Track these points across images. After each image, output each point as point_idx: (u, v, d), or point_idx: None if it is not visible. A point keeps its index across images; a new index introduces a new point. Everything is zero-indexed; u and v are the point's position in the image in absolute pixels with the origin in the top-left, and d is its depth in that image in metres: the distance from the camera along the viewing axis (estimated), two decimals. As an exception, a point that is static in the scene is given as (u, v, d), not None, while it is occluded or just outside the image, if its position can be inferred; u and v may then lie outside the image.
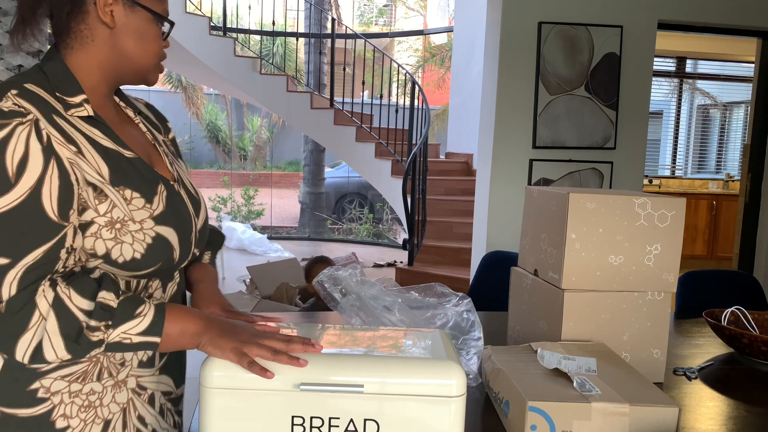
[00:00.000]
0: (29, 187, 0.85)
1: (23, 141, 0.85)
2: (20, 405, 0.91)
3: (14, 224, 0.84)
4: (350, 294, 1.47)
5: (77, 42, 0.97)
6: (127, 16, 0.97)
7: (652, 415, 1.09)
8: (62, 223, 0.87)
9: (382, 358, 0.98)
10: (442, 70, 13.70)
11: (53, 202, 0.86)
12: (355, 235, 9.44)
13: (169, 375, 1.06)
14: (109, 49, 0.98)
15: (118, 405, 0.97)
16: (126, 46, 0.98)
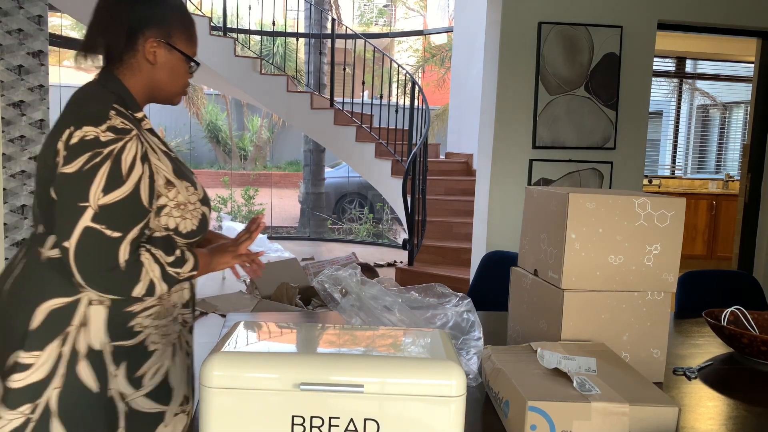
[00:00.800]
0: (134, 184, 1.20)
1: (132, 151, 1.20)
2: (126, 338, 1.28)
3: (123, 209, 1.20)
4: (350, 294, 1.47)
5: (128, 71, 1.30)
6: (166, 57, 1.32)
7: (651, 415, 1.09)
8: (149, 209, 1.25)
9: (382, 358, 0.98)
10: (442, 70, 13.70)
11: (146, 194, 1.23)
12: (355, 235, 9.44)
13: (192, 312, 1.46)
14: (149, 79, 1.32)
15: (176, 333, 1.38)
16: (162, 79, 1.33)
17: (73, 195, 1.17)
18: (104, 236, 1.17)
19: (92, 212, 1.17)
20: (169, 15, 1.31)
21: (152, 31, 1.29)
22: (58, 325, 1.24)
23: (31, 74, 3.52)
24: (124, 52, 1.29)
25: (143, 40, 1.28)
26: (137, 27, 1.27)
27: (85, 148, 1.17)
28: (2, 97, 3.37)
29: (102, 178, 1.17)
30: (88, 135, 1.17)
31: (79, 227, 1.16)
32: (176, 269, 1.27)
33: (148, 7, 1.28)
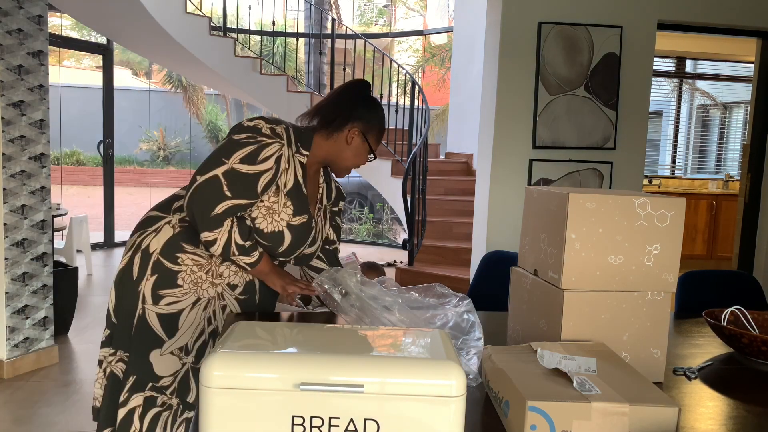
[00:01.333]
0: (260, 170, 1.60)
1: (273, 149, 1.62)
2: (169, 260, 1.68)
3: (244, 182, 1.59)
4: (350, 294, 1.47)
5: (327, 136, 1.75)
6: (358, 144, 1.75)
7: (651, 415, 1.09)
8: (259, 196, 1.63)
9: (382, 358, 0.98)
10: (442, 70, 13.70)
11: (262, 184, 1.62)
12: (355, 235, 9.44)
13: (242, 306, 1.75)
14: (338, 150, 1.76)
15: (208, 294, 1.69)
16: (346, 155, 1.76)
17: (224, 152, 1.60)
18: (221, 189, 1.57)
19: (226, 168, 1.58)
20: (374, 120, 1.77)
21: (360, 124, 1.75)
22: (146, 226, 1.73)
23: (31, 74, 3.52)
24: (332, 128, 1.74)
25: (351, 126, 1.74)
26: (351, 117, 1.74)
27: (251, 130, 1.63)
28: (2, 97, 3.37)
29: (245, 152, 1.59)
30: (258, 124, 1.64)
31: (212, 172, 1.58)
32: (237, 251, 1.61)
33: (366, 111, 1.76)
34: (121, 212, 10.92)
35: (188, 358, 1.69)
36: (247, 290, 1.75)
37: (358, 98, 1.77)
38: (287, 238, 1.69)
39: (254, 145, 1.60)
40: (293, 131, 1.70)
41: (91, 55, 10.99)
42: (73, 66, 16.68)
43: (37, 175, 3.57)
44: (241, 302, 1.74)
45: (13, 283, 3.53)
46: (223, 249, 1.60)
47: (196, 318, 1.68)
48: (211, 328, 1.71)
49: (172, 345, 1.67)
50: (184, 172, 16.11)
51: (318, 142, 1.75)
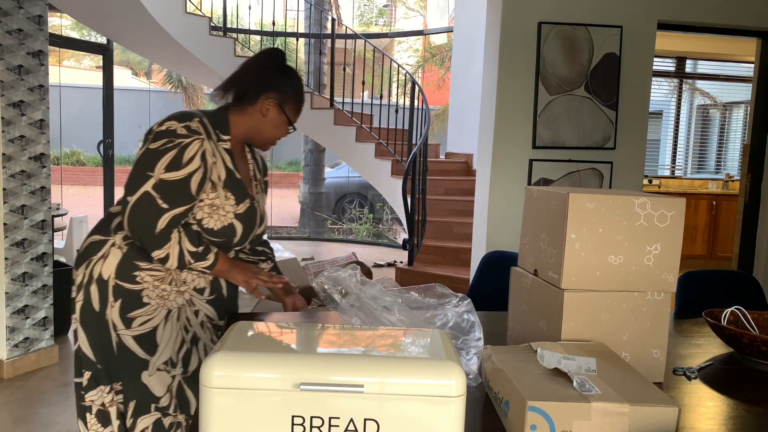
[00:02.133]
0: (188, 173, 1.54)
1: (195, 148, 1.56)
2: (127, 281, 1.61)
3: (175, 189, 1.53)
4: (350, 294, 1.47)
5: (243, 112, 1.68)
6: (275, 115, 1.69)
7: (651, 415, 1.09)
8: (195, 197, 1.57)
9: (382, 358, 0.98)
10: (442, 70, 13.70)
11: (195, 185, 1.56)
12: (355, 235, 9.44)
13: (213, 306, 1.72)
14: (255, 125, 1.69)
15: (177, 304, 1.65)
16: (265, 129, 1.70)
17: (146, 165, 1.53)
18: (156, 204, 1.52)
19: (154, 181, 1.52)
20: (290, 90, 1.70)
21: (273, 94, 1.67)
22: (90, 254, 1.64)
23: (31, 74, 3.52)
24: (245, 102, 1.68)
25: (264, 97, 1.67)
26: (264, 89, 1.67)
27: (166, 134, 1.55)
28: (2, 97, 3.37)
29: (168, 159, 1.53)
30: (171, 126, 1.56)
31: (141, 189, 1.52)
32: (192, 259, 1.58)
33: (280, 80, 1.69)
34: (121, 212, 10.91)
35: (176, 369, 1.67)
36: (214, 290, 1.72)
37: (271, 67, 1.69)
38: (238, 228, 1.66)
39: (174, 149, 1.54)
40: (209, 120, 1.63)
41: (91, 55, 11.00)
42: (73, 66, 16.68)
43: (37, 175, 3.57)
44: (211, 302, 1.72)
45: (13, 283, 3.53)
46: (178, 261, 1.57)
47: (172, 330, 1.65)
48: (189, 335, 1.69)
49: (156, 362, 1.64)
50: (184, 172, 16.06)
51: (235, 120, 1.68)
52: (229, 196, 1.63)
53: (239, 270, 1.70)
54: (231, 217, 1.63)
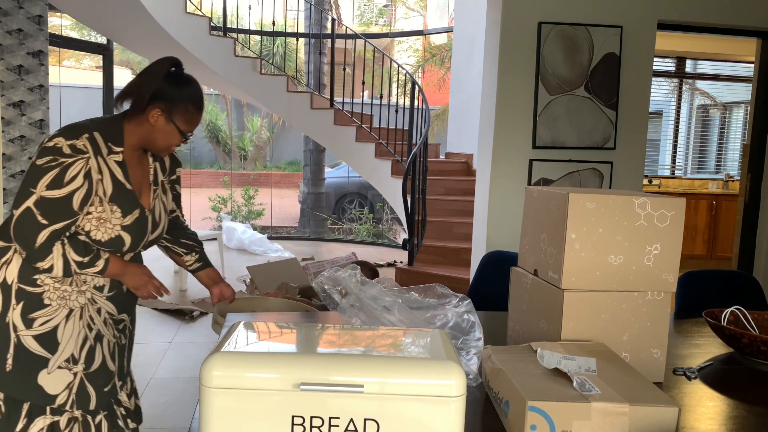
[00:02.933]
0: (70, 191, 1.58)
1: (78, 167, 1.59)
2: (28, 285, 1.65)
3: (56, 206, 1.58)
4: (350, 295, 1.47)
5: (135, 121, 1.70)
6: (163, 125, 1.69)
7: (651, 415, 1.09)
8: (78, 212, 1.61)
9: (382, 358, 0.98)
10: (442, 70, 13.70)
11: (77, 202, 1.60)
12: (355, 235, 9.44)
13: (113, 302, 1.76)
14: (147, 134, 1.71)
15: (78, 303, 1.70)
16: (155, 138, 1.71)
17: (30, 181, 1.57)
18: (35, 219, 1.57)
19: (35, 198, 1.56)
20: (179, 99, 1.69)
21: (161, 104, 1.68)
22: None
23: (31, 74, 3.52)
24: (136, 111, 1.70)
25: (152, 107, 1.67)
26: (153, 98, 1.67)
27: (51, 152, 1.59)
28: (2, 97, 3.37)
29: (50, 177, 1.57)
30: (58, 143, 1.59)
31: (24, 205, 1.57)
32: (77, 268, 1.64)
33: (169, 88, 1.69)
34: (121, 212, 10.91)
35: (78, 366, 1.69)
36: (113, 286, 1.76)
37: (160, 76, 1.69)
38: (126, 239, 1.71)
39: (56, 168, 1.57)
40: (101, 134, 1.64)
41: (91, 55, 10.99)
42: (73, 66, 16.68)
43: (37, 175, 3.57)
44: (112, 299, 1.76)
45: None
46: (63, 270, 1.62)
47: (74, 328, 1.68)
48: (93, 333, 1.72)
49: (57, 359, 1.67)
50: (184, 172, 15.99)
51: (129, 130, 1.70)
52: (115, 210, 1.67)
53: (131, 275, 1.74)
54: (118, 229, 1.68)
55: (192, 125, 1.73)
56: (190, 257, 2.03)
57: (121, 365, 1.82)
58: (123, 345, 1.83)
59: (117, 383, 1.78)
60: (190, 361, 3.79)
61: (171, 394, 3.33)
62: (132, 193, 1.71)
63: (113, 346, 1.77)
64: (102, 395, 1.73)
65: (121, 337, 1.81)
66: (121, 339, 1.81)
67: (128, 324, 1.86)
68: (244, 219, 9.75)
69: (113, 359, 1.76)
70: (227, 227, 8.06)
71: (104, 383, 1.73)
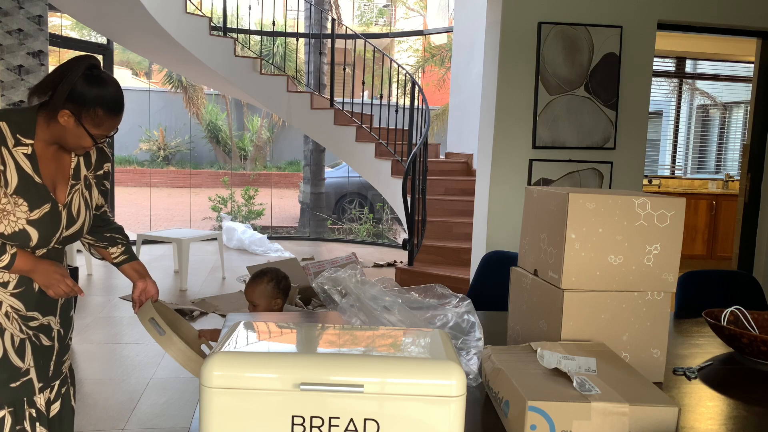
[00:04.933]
0: None
1: None
2: None
3: None
4: (350, 295, 1.47)
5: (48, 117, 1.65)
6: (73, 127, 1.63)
7: (651, 415, 1.09)
8: None
9: (382, 358, 0.98)
10: (442, 70, 13.70)
11: None
12: (355, 235, 9.44)
13: (20, 299, 1.70)
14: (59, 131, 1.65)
15: None
16: (66, 138, 1.66)
17: None
18: None
19: None
20: (89, 102, 1.63)
21: (70, 105, 1.62)
22: None
23: (31, 74, 3.52)
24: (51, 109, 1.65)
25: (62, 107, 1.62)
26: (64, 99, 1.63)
27: None
28: (2, 97, 3.37)
29: None
30: None
31: None
32: None
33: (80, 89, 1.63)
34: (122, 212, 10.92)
35: None
36: (21, 283, 1.71)
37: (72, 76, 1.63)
38: (32, 233, 1.65)
39: None
40: (8, 124, 1.62)
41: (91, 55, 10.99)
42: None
43: (37, 175, 3.56)
44: (18, 296, 1.70)
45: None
46: None
47: None
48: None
49: None
50: (184, 172, 16.12)
51: (41, 124, 1.66)
52: (21, 203, 1.62)
53: (42, 273, 1.68)
54: (23, 223, 1.63)
55: (103, 129, 1.66)
56: (116, 249, 1.95)
57: (44, 367, 1.76)
58: (45, 346, 1.76)
59: (35, 384, 1.72)
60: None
61: (171, 394, 3.33)
62: (42, 187, 1.66)
63: (21, 341, 1.70)
64: (7, 390, 1.68)
65: (40, 337, 1.75)
66: (40, 338, 1.75)
67: (54, 326, 1.79)
68: (244, 219, 9.76)
69: (21, 355, 1.70)
70: (227, 227, 8.07)
71: (9, 378, 1.68)
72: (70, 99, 1.61)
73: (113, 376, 3.53)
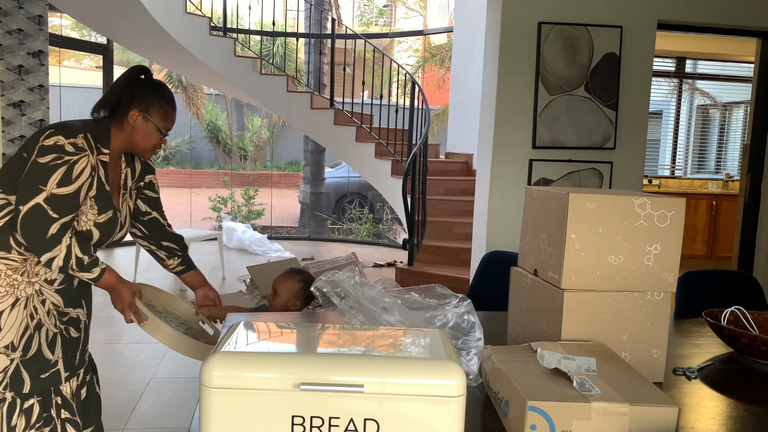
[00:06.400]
0: (78, 186, 1.70)
1: (83, 164, 1.71)
2: None
3: (65, 201, 1.68)
4: (348, 297, 1.47)
5: (118, 126, 1.83)
6: (142, 124, 1.83)
7: (651, 415, 1.09)
8: (81, 205, 1.73)
9: (382, 358, 0.98)
10: (442, 70, 13.70)
11: (82, 196, 1.72)
12: (355, 235, 9.44)
13: (61, 295, 1.81)
14: (128, 135, 1.84)
15: (25, 293, 1.75)
16: (136, 138, 1.84)
17: (38, 179, 1.66)
18: (47, 214, 1.66)
19: (45, 195, 1.65)
20: (152, 98, 1.83)
21: (137, 105, 1.81)
22: None
23: (31, 74, 3.52)
24: (117, 115, 1.83)
25: (131, 109, 1.81)
26: (130, 102, 1.81)
27: (55, 150, 1.68)
28: (2, 97, 3.37)
29: (59, 175, 1.66)
30: (59, 142, 1.68)
31: (33, 201, 1.65)
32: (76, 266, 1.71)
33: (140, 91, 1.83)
34: (121, 212, 10.91)
35: (15, 353, 1.75)
36: (65, 279, 1.81)
37: (134, 81, 1.84)
38: (95, 234, 1.80)
39: (63, 166, 1.67)
40: (91, 135, 1.76)
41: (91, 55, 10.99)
42: (73, 66, 16.68)
43: (37, 175, 3.56)
44: (60, 292, 1.81)
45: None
46: (63, 262, 1.68)
47: (17, 316, 1.74)
48: (34, 322, 1.77)
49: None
50: (184, 172, 16.12)
51: (115, 134, 1.82)
52: (93, 206, 1.77)
53: (118, 296, 1.82)
54: (90, 224, 1.78)
55: (168, 121, 1.86)
56: (173, 261, 2.11)
57: (71, 357, 1.86)
58: (73, 338, 1.86)
59: (62, 373, 1.82)
60: (190, 361, 3.79)
61: (171, 394, 3.34)
62: (109, 194, 1.82)
63: (54, 336, 1.80)
64: (37, 381, 1.77)
65: (69, 330, 1.85)
66: (69, 331, 1.85)
67: (82, 318, 1.90)
68: (244, 219, 9.75)
69: (52, 349, 1.80)
70: (227, 227, 8.06)
71: (39, 370, 1.77)
72: (135, 100, 1.81)
73: (113, 376, 3.53)
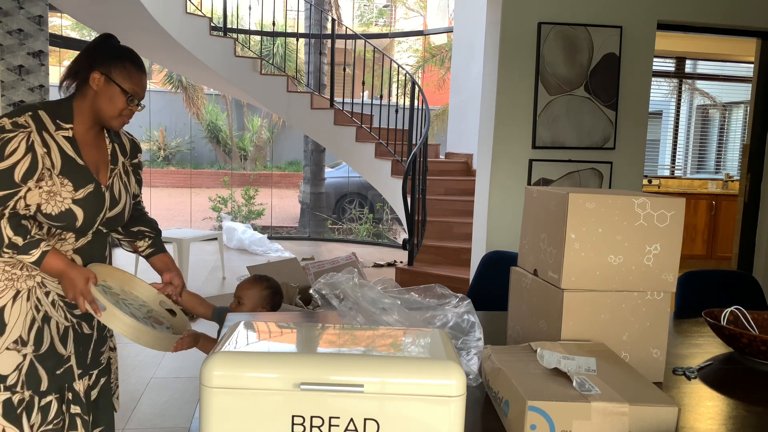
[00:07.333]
0: (11, 163, 1.61)
1: (18, 140, 1.63)
2: None
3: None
4: (347, 299, 1.47)
5: (80, 96, 1.75)
6: (104, 86, 1.72)
7: (651, 415, 1.10)
8: (21, 184, 1.63)
9: (382, 358, 0.98)
10: (442, 70, 13.70)
11: (19, 174, 1.62)
12: (355, 235, 9.44)
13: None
14: (93, 102, 1.74)
15: (26, 285, 1.71)
16: (101, 103, 1.74)
17: None
18: None
19: None
20: (115, 59, 1.73)
21: (99, 67, 1.72)
22: None
23: (31, 74, 3.52)
24: (81, 83, 1.75)
25: (92, 73, 1.72)
26: (91, 66, 1.73)
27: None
28: (2, 97, 3.37)
29: None
30: (1, 123, 1.64)
31: None
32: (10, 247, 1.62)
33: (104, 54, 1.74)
34: (121, 212, 10.92)
35: (27, 348, 1.71)
36: None
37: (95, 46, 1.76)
38: (78, 212, 1.71)
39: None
40: (47, 112, 1.69)
41: (91, 55, 10.98)
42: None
43: (37, 175, 3.56)
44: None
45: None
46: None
47: (21, 309, 1.70)
48: (40, 314, 1.72)
49: (5, 341, 1.69)
50: (185, 172, 16.12)
51: (78, 107, 1.74)
52: (66, 183, 1.69)
53: (69, 281, 1.68)
54: (69, 202, 1.69)
55: (135, 84, 1.74)
56: (142, 243, 2.00)
57: (83, 354, 1.80)
58: (86, 334, 1.81)
59: (75, 371, 1.77)
60: (190, 361, 3.79)
61: (171, 394, 3.34)
62: (84, 168, 1.73)
63: (65, 329, 1.75)
64: (54, 378, 1.73)
65: (82, 325, 1.79)
66: (82, 326, 1.79)
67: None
68: (244, 219, 9.75)
69: (64, 343, 1.75)
70: (227, 227, 8.06)
71: (55, 366, 1.73)
72: (98, 63, 1.71)
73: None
